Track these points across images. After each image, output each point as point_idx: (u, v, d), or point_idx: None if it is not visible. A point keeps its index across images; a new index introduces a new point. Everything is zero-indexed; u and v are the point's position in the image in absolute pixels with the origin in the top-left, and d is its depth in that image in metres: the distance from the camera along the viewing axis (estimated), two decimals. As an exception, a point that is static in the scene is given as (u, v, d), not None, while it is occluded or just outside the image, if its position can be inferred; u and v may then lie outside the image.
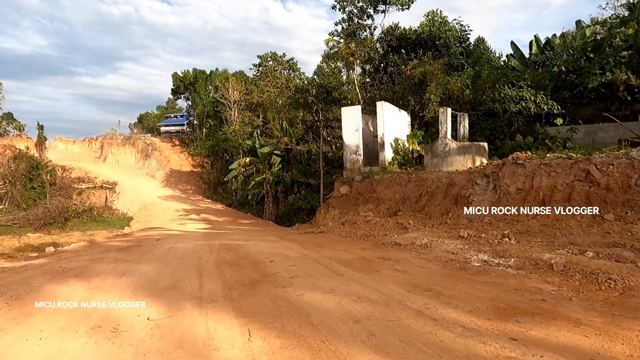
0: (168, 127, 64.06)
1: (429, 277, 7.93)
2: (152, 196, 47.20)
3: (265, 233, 20.37)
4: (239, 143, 41.90)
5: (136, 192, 48.29)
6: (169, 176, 53.92)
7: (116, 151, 58.17)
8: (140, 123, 72.77)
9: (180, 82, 55.15)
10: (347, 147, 18.95)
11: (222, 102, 47.90)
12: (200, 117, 53.89)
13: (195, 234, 23.26)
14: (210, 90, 54.06)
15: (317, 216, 20.17)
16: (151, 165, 56.01)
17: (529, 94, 20.32)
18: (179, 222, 32.83)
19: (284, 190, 33.02)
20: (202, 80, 53.84)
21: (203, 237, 18.52)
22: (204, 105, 52.83)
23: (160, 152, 57.00)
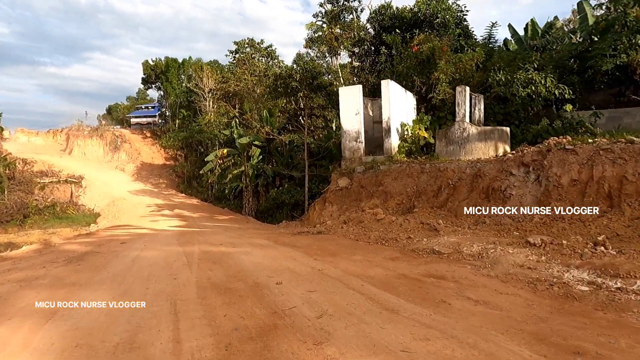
0: (139, 118, 59.45)
1: (536, 317, 4.92)
2: (121, 191, 43.01)
3: (251, 232, 17.10)
4: (214, 134, 38.22)
5: (104, 187, 43.97)
6: (140, 169, 49.60)
7: (83, 143, 53.28)
8: (109, 115, 67.61)
9: (152, 70, 50.74)
10: (346, 133, 15.86)
11: (196, 92, 43.97)
12: (172, 108, 49.76)
13: (168, 233, 19.82)
14: (183, 79, 49.97)
15: (310, 213, 17.02)
16: (121, 158, 51.47)
17: (539, 78, 17.64)
18: (151, 219, 29.09)
19: (265, 183, 29.71)
20: (175, 69, 49.64)
21: (177, 239, 15.14)
22: (176, 95, 48.71)
23: (131, 144, 52.49)
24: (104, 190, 43.87)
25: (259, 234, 15.76)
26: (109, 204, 39.61)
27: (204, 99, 43.73)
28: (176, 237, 16.07)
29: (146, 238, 17.27)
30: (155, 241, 15.29)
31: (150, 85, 53.18)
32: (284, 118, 29.37)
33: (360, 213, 13.97)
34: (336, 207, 15.22)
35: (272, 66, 39.08)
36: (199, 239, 14.91)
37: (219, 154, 29.16)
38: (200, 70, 44.84)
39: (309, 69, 26.31)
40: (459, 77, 16.38)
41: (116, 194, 42.26)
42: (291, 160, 30.14)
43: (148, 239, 16.29)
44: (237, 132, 29.56)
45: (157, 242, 14.62)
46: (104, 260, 10.13)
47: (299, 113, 28.21)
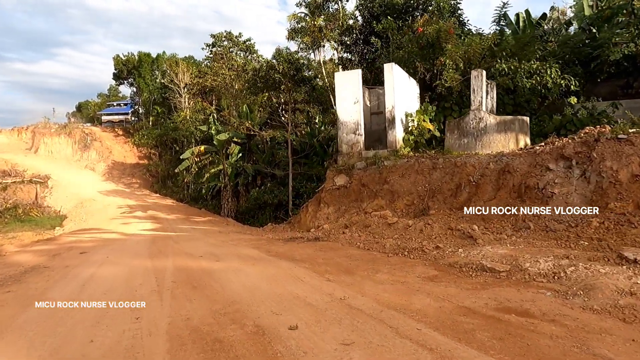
0: (110, 116, 55.66)
1: None
2: (91, 191, 39.61)
3: (234, 237, 14.65)
4: (190, 131, 35.37)
5: (73, 187, 40.45)
6: (112, 169, 46.09)
7: (50, 141, 49.31)
8: (79, 112, 63.42)
9: (123, 65, 47.23)
10: (343, 124, 13.56)
11: (170, 88, 40.94)
12: (146, 105, 46.50)
13: (139, 238, 17.17)
14: (157, 75, 46.76)
15: (301, 215, 14.64)
16: (91, 157, 47.77)
17: (543, 68, 15.78)
18: (122, 221, 26.13)
19: (245, 182, 27.16)
20: (148, 64, 46.36)
21: (148, 248, 12.59)
22: (150, 91, 45.47)
23: (101, 142, 48.82)
24: (72, 190, 40.41)
25: (245, 239, 13.34)
26: (77, 205, 36.28)
27: (179, 95, 40.72)
28: (147, 245, 13.50)
29: (112, 246, 14.66)
30: (122, 250, 12.69)
31: (122, 81, 49.60)
32: (266, 113, 26.87)
33: (364, 215, 11.70)
34: (333, 208, 12.91)
35: (250, 61, 36.46)
36: (173, 247, 12.39)
37: (196, 151, 26.47)
38: (175, 65, 41.82)
39: (293, 61, 23.94)
40: (467, 63, 14.31)
41: (85, 195, 38.89)
42: (273, 158, 27.70)
43: (113, 248, 13.67)
44: (215, 128, 26.92)
45: (123, 253, 12.04)
46: (46, 282, 7.55)
47: (282, 108, 25.78)
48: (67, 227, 28.35)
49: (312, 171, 24.86)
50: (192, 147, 27.61)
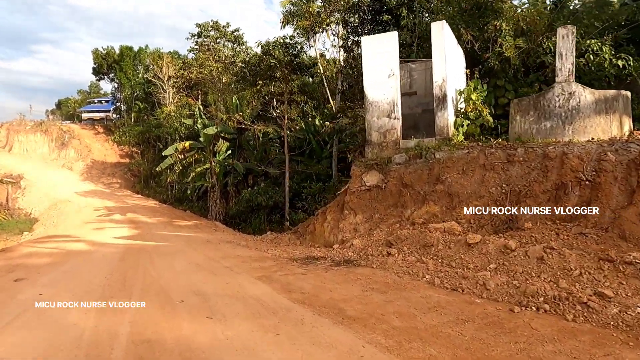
0: (91, 113, 50.55)
1: None
2: (67, 192, 34.82)
3: (227, 250, 10.65)
4: (174, 128, 31.07)
5: (48, 187, 35.60)
6: (91, 168, 41.23)
7: (25, 139, 44.08)
8: (59, 110, 58.01)
9: (103, 59, 42.25)
10: (373, 105, 9.67)
11: (154, 83, 36.49)
12: (128, 101, 41.84)
13: (107, 251, 13.05)
14: (140, 70, 42.13)
15: (315, 224, 10.62)
16: (68, 155, 42.76)
17: (596, 46, 12.19)
18: (96, 226, 21.74)
19: (235, 182, 23.09)
20: (130, 58, 41.59)
21: (111, 274, 8.53)
22: (132, 87, 40.85)
23: (80, 140, 43.85)
24: (46, 191, 35.55)
25: (243, 258, 9.36)
26: (51, 207, 31.53)
27: (163, 90, 36.36)
28: (112, 265, 9.45)
29: (68, 265, 10.60)
30: (73, 277, 8.61)
31: (102, 76, 44.66)
32: (259, 104, 22.81)
33: (412, 228, 7.86)
34: (362, 216, 9.04)
35: (239, 53, 32.29)
36: (146, 271, 8.38)
37: (180, 147, 22.26)
38: (159, 58, 37.38)
39: (289, 45, 20.02)
40: (523, 30, 10.61)
41: (60, 196, 34.09)
42: (265, 155, 23.68)
43: (67, 270, 9.64)
44: (201, 121, 22.75)
45: (72, 281, 7.99)
46: None
47: (276, 99, 21.77)
48: (37, 232, 23.83)
49: (311, 169, 20.97)
50: (176, 144, 23.34)
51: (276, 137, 24.48)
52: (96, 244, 15.41)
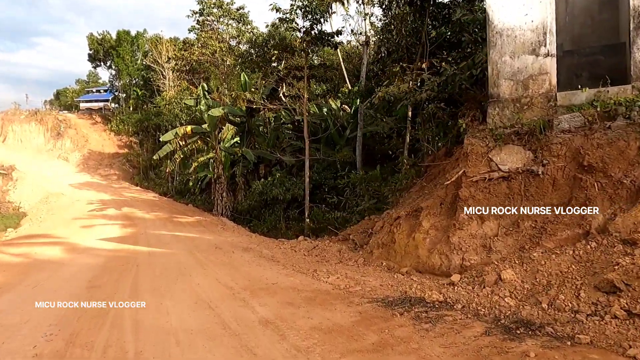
0: (89, 103, 46.12)
1: None
2: (61, 184, 30.81)
3: (247, 268, 6.83)
4: (175, 114, 26.97)
5: (41, 179, 31.54)
6: (87, 159, 37.04)
7: (19, 129, 39.72)
8: (57, 100, 53.50)
9: (99, 45, 37.80)
10: (504, 36, 5.59)
11: (153, 69, 32.24)
12: (126, 89, 37.56)
13: (84, 262, 9.28)
14: (138, 56, 37.75)
15: (393, 234, 6.51)
16: (64, 145, 38.51)
17: None
18: (85, 223, 17.82)
19: (244, 173, 19.11)
20: (127, 43, 37.28)
21: (70, 317, 4.58)
22: (130, 74, 36.56)
23: (77, 130, 39.55)
24: (39, 183, 31.46)
25: (284, 290, 5.53)
26: (41, 200, 27.46)
27: (162, 76, 32.13)
28: (78, 295, 5.53)
29: (16, 290, 6.66)
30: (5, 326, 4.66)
31: (98, 63, 40.18)
32: (271, 82, 18.69)
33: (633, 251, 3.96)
34: (497, 223, 5.25)
35: (244, 32, 27.99)
36: (120, 333, 4.44)
37: (181, 132, 18.18)
38: (158, 43, 33.09)
39: (311, 9, 15.94)
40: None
41: (53, 188, 30.07)
42: (278, 142, 19.72)
43: (7, 301, 5.63)
44: (205, 102, 18.65)
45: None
46: None
47: (294, 76, 17.71)
48: (22, 229, 19.88)
49: (334, 156, 17.07)
50: (177, 128, 19.19)
51: (289, 121, 20.48)
52: (75, 250, 11.52)
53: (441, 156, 7.95)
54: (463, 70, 8.87)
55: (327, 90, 24.42)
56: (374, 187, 11.03)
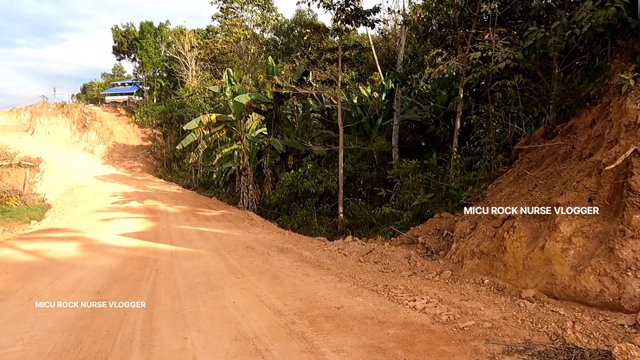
0: (114, 96, 45.02)
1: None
2: (86, 176, 29.68)
3: (291, 281, 5.02)
4: (198, 105, 25.34)
5: (66, 171, 30.47)
6: (112, 151, 35.87)
7: (47, 122, 38.79)
8: (84, 94, 52.66)
9: (123, 37, 36.48)
10: None
11: (176, 60, 30.66)
12: (150, 81, 36.18)
13: (96, 264, 7.62)
14: (162, 48, 36.27)
15: (504, 241, 4.51)
16: (90, 138, 37.43)
17: None
18: (106, 216, 16.35)
19: (272, 164, 17.31)
20: (151, 35, 35.86)
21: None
22: (154, 65, 35.15)
23: (102, 122, 38.43)
24: (65, 175, 30.41)
25: (341, 316, 3.68)
26: (66, 192, 26.26)
27: (185, 67, 30.54)
28: (68, 323, 3.70)
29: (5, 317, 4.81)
30: None
31: (122, 55, 38.89)
32: (303, 66, 16.71)
33: None
34: None
35: (268, 20, 26.13)
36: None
37: (205, 120, 16.43)
38: (181, 34, 31.48)
39: (346, -16, 13.90)
40: None
41: (78, 181, 28.93)
42: (306, 131, 17.83)
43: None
44: (230, 89, 16.85)
45: None
46: None
47: (324, 59, 15.74)
48: (46, 221, 18.49)
49: (370, 146, 15.10)
50: (201, 116, 17.44)
51: (318, 109, 18.56)
52: (90, 247, 9.91)
53: (538, 137, 5.97)
54: (557, 31, 6.85)
55: (357, 76, 22.41)
56: (430, 179, 9.06)
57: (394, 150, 15.20)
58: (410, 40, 18.89)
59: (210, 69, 29.06)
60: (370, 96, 19.24)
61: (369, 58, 18.57)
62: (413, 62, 16.05)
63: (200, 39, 27.27)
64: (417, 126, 17.50)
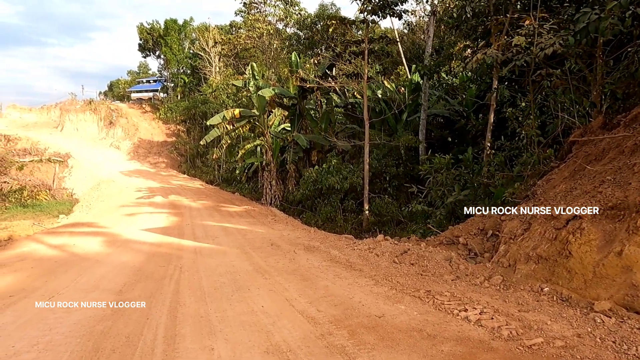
0: (140, 93, 45.59)
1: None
2: (112, 171, 30.10)
3: (335, 293, 4.57)
4: (221, 101, 25.18)
5: (94, 167, 30.97)
6: (137, 147, 36.27)
7: (75, 118, 39.56)
8: (110, 91, 53.62)
9: (148, 34, 36.77)
10: None
11: (200, 57, 30.63)
12: (174, 78, 36.36)
13: (118, 261, 7.32)
14: (186, 45, 36.38)
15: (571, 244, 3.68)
16: (116, 134, 37.97)
17: None
18: (131, 211, 16.32)
19: (295, 159, 16.92)
20: (175, 32, 36.02)
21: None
22: (178, 62, 35.27)
23: (127, 119, 38.92)
24: (92, 170, 30.92)
25: (385, 327, 3.21)
26: (93, 187, 26.67)
27: (209, 64, 30.46)
28: (91, 330, 3.32)
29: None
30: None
31: (148, 52, 39.24)
32: (327, 59, 16.19)
33: None
34: None
35: (291, 14, 25.70)
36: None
37: (228, 115, 16.14)
38: (205, 31, 31.40)
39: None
40: None
41: (105, 175, 29.39)
42: (330, 126, 17.34)
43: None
44: (254, 83, 16.51)
45: None
46: None
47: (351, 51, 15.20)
48: (73, 215, 18.65)
49: (397, 141, 14.51)
50: (224, 111, 17.19)
51: (342, 104, 18.05)
52: (115, 243, 9.70)
53: (596, 129, 5.33)
54: (613, 12, 6.17)
55: (383, 70, 21.78)
56: (464, 175, 8.46)
57: (421, 146, 14.57)
58: (437, 33, 18.15)
59: (233, 64, 28.87)
60: (396, 90, 18.62)
61: (393, 52, 17.90)
62: (441, 55, 15.36)
63: (223, 34, 27.07)
64: (444, 121, 16.82)
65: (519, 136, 8.99)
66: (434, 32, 16.12)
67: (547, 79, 6.56)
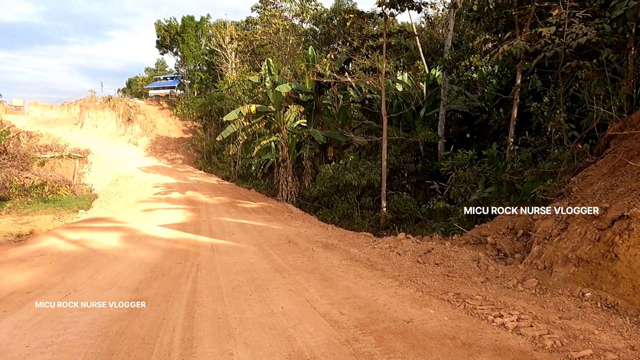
0: (157, 90, 45.98)
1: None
2: (130, 167, 30.39)
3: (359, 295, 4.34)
4: (237, 97, 25.09)
5: (113, 162, 31.34)
6: (155, 143, 36.58)
7: (94, 115, 40.14)
8: (129, 88, 54.24)
9: (166, 32, 36.94)
10: None
11: (217, 53, 30.60)
12: (191, 75, 36.50)
13: (136, 257, 7.22)
14: (203, 42, 36.45)
15: (617, 246, 3.48)
16: (134, 131, 38.37)
17: None
18: (148, 206, 16.36)
19: (311, 155, 16.70)
20: (192, 29, 36.10)
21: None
22: (194, 59, 35.36)
23: (145, 115, 39.31)
24: (111, 166, 31.31)
25: (414, 333, 2.96)
26: (111, 183, 26.92)
27: (225, 60, 30.39)
28: (105, 331, 3.15)
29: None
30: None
31: (165, 49, 39.49)
32: (344, 54, 15.90)
33: None
34: None
35: (308, 9, 25.41)
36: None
37: (245, 111, 16.00)
38: (222, 27, 31.32)
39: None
40: None
41: (123, 171, 29.65)
42: (347, 122, 17.05)
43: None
44: (270, 79, 16.32)
45: None
46: None
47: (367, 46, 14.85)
48: (92, 211, 18.85)
49: (415, 136, 14.14)
50: (240, 107, 17.05)
51: (359, 99, 17.72)
52: (132, 238, 9.64)
53: (637, 122, 4.95)
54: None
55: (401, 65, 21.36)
56: (488, 171, 8.10)
57: (440, 142, 14.19)
58: (456, 27, 17.65)
59: (249, 60, 28.77)
60: (415, 85, 18.21)
61: (411, 46, 17.47)
62: (460, 49, 14.89)
63: (239, 30, 26.97)
64: (462, 117, 16.38)
65: (544, 131, 8.57)
66: (454, 25, 15.67)
67: (578, 70, 6.17)
